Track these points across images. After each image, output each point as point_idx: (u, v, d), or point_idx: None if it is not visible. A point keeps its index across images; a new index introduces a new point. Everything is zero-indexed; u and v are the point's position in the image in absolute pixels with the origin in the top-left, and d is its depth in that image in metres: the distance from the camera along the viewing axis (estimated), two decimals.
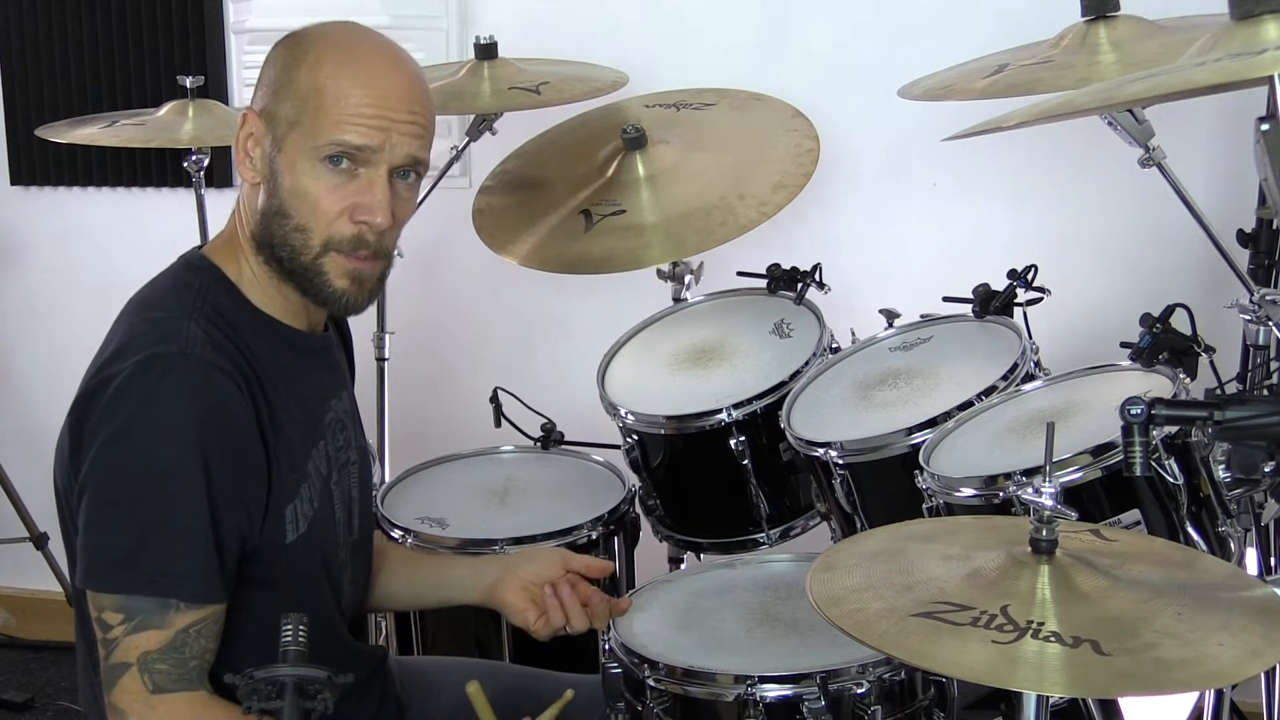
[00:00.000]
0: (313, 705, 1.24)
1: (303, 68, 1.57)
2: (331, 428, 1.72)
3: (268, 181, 1.58)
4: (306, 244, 1.57)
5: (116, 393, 1.48)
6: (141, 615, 1.48)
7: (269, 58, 1.61)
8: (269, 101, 1.58)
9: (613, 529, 2.24)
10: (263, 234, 1.60)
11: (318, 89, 1.55)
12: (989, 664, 1.29)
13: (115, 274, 1.71)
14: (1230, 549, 1.81)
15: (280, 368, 1.61)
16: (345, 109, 1.55)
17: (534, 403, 2.53)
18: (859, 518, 2.06)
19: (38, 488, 3.30)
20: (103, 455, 1.49)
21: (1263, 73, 1.35)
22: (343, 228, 1.57)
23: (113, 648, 1.49)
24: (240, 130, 1.60)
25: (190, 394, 1.48)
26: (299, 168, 1.56)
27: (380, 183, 1.57)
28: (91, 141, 2.68)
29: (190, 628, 1.49)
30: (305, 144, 1.56)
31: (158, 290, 1.62)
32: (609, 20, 2.95)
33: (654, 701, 1.76)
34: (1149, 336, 1.92)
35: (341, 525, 1.72)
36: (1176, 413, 1.37)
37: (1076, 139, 2.44)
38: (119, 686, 1.49)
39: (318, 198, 1.56)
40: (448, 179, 2.74)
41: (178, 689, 1.49)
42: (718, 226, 2.33)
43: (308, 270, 1.59)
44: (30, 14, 3.28)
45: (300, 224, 1.57)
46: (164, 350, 1.50)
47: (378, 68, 1.58)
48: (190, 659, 1.50)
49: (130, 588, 1.48)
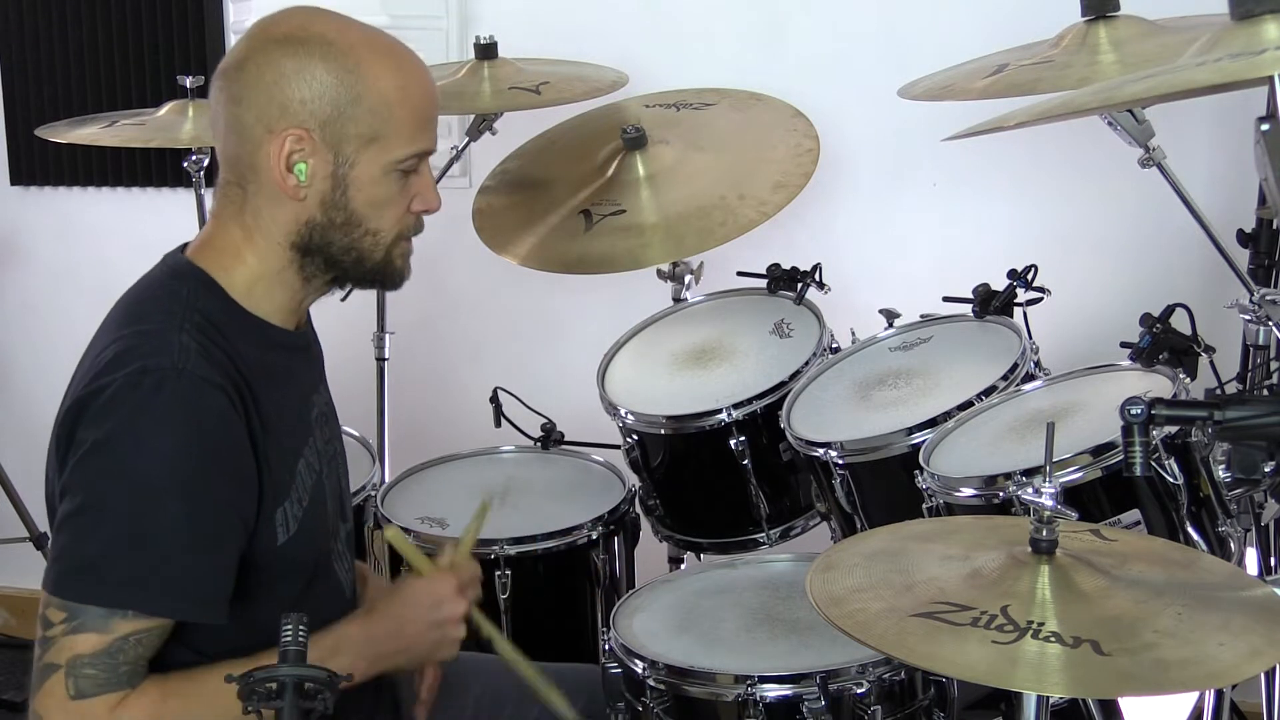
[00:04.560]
0: (313, 705, 1.24)
1: (362, 80, 1.52)
2: (319, 422, 1.71)
3: (329, 195, 1.56)
4: (377, 244, 1.60)
5: (106, 403, 1.47)
6: (84, 618, 1.46)
7: (282, 65, 1.52)
8: (330, 117, 1.52)
9: (613, 529, 2.24)
10: (318, 243, 1.58)
11: (388, 103, 1.54)
12: (989, 664, 1.29)
13: (115, 274, 1.70)
14: (1230, 549, 1.81)
15: (268, 369, 1.60)
16: (418, 120, 1.57)
17: (534, 403, 2.53)
18: (859, 518, 2.06)
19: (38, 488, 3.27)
20: (85, 463, 1.48)
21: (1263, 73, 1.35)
22: (407, 220, 1.62)
23: (47, 647, 1.47)
24: (277, 148, 1.53)
25: (180, 411, 1.47)
26: (376, 181, 1.56)
27: (429, 173, 1.63)
28: (91, 141, 2.68)
29: (132, 635, 1.47)
30: (383, 158, 1.55)
31: (146, 299, 1.60)
32: (609, 20, 2.95)
33: (654, 701, 1.76)
34: (1149, 336, 1.92)
35: (333, 518, 1.72)
36: (1176, 413, 1.37)
37: (1076, 139, 2.43)
38: (43, 690, 1.47)
39: (392, 203, 1.59)
40: (448, 179, 2.74)
41: (99, 693, 1.47)
42: (718, 226, 2.33)
43: (377, 265, 1.62)
44: (30, 14, 3.28)
45: (372, 229, 1.59)
46: (155, 364, 1.48)
47: (418, 68, 1.60)
48: (122, 664, 1.47)
49: (86, 597, 1.46)
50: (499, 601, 2.14)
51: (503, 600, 2.14)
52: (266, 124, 1.53)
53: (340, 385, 1.83)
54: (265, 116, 1.53)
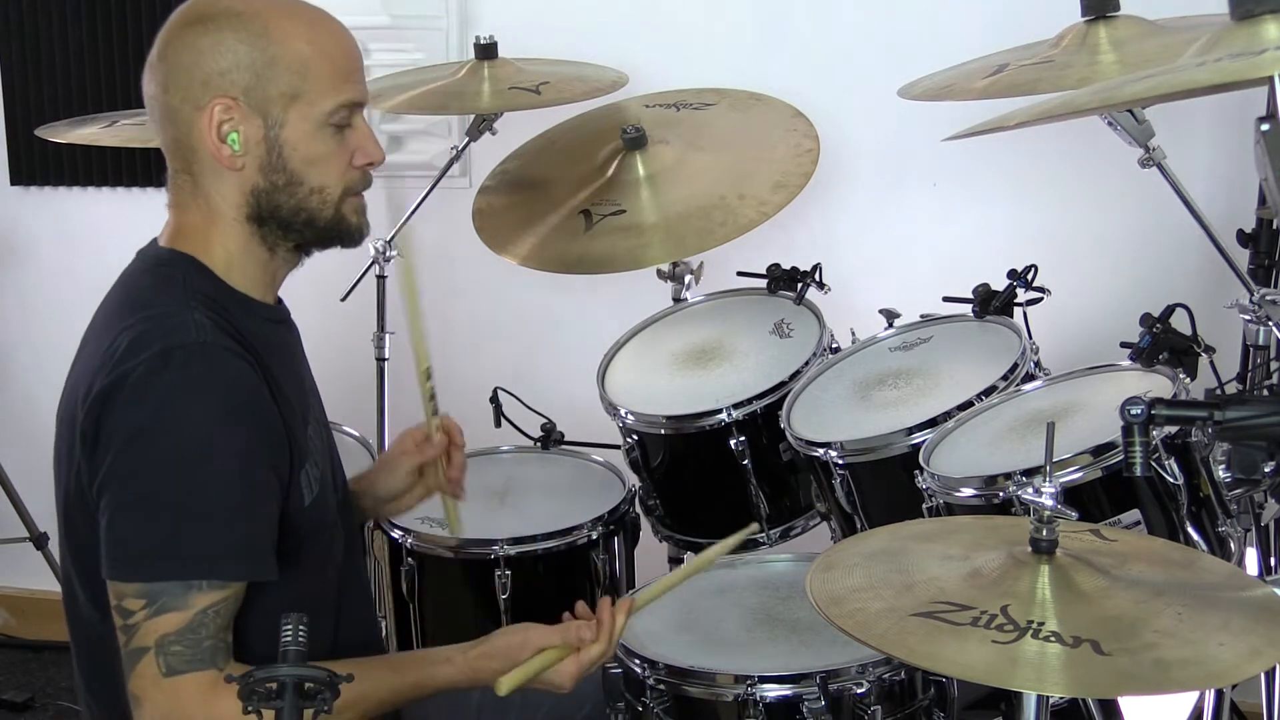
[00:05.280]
0: (312, 705, 1.24)
1: (274, 42, 1.57)
2: (312, 393, 1.76)
3: (265, 159, 1.60)
4: (325, 201, 1.63)
5: (137, 387, 1.50)
6: (164, 599, 1.49)
7: (197, 43, 1.58)
8: (250, 83, 1.57)
9: (613, 529, 2.24)
10: (267, 210, 1.62)
11: (303, 59, 1.58)
12: (989, 664, 1.29)
13: (115, 274, 1.70)
14: (1230, 549, 1.81)
15: (268, 343, 1.64)
16: (337, 72, 1.60)
17: (534, 403, 2.53)
18: (859, 518, 2.06)
19: (38, 488, 3.30)
20: (129, 450, 1.50)
21: (1263, 73, 1.35)
22: (352, 175, 1.64)
23: (132, 634, 1.50)
24: (206, 121, 1.58)
25: (213, 380, 1.51)
26: (309, 137, 1.60)
27: (366, 125, 1.65)
28: (91, 141, 2.68)
29: (210, 608, 1.51)
30: (311, 113, 1.59)
31: (142, 287, 1.63)
32: (609, 20, 2.95)
33: (654, 701, 1.76)
34: (1149, 336, 1.92)
35: (329, 487, 1.74)
36: (1176, 413, 1.37)
37: (1076, 139, 2.43)
38: (136, 672, 1.50)
39: (330, 158, 1.62)
40: (448, 179, 2.74)
41: (189, 670, 1.50)
42: (718, 226, 2.33)
43: (329, 223, 1.64)
44: (30, 14, 3.28)
45: (316, 186, 1.62)
46: (178, 342, 1.51)
47: (329, 23, 1.63)
48: (205, 639, 1.51)
49: (162, 574, 1.49)
50: (499, 601, 2.14)
51: (503, 600, 2.14)
52: (194, 102, 1.58)
53: (340, 385, 1.84)
54: (191, 95, 1.59)
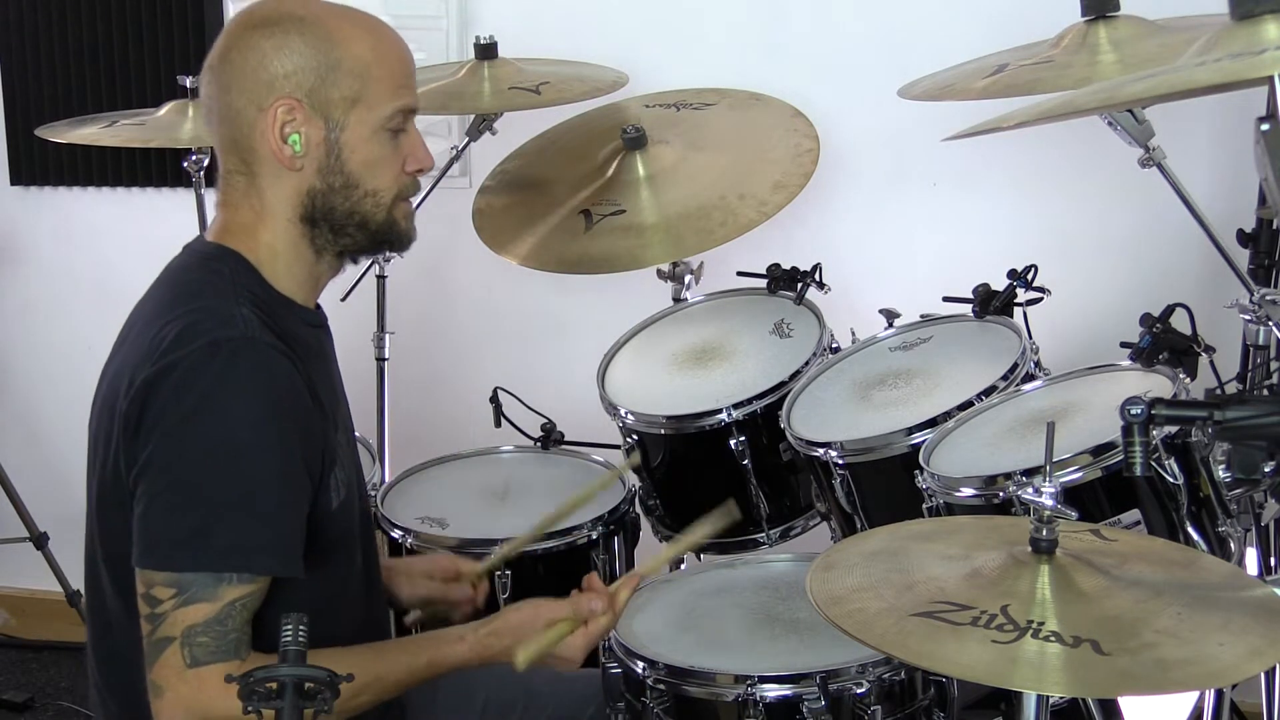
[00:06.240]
0: (312, 705, 1.24)
1: (337, 46, 1.60)
2: (343, 400, 1.78)
3: (324, 161, 1.63)
4: (378, 205, 1.66)
5: (183, 377, 1.52)
6: (194, 589, 1.50)
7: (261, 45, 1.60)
8: (314, 85, 1.60)
9: (613, 529, 2.24)
10: (321, 211, 1.64)
11: (364, 64, 1.61)
12: (989, 664, 1.29)
13: (115, 274, 1.71)
14: (1230, 549, 1.81)
15: (306, 346, 1.65)
16: (395, 77, 1.63)
17: (534, 403, 2.53)
18: (859, 518, 2.06)
19: (38, 488, 3.30)
20: (171, 438, 1.52)
21: (1263, 73, 1.35)
22: (404, 180, 1.68)
23: (158, 623, 1.51)
24: (269, 122, 1.60)
25: (258, 376, 1.53)
26: (367, 141, 1.63)
27: (418, 132, 1.69)
28: (91, 141, 2.68)
29: (238, 601, 1.52)
30: (370, 118, 1.62)
31: (190, 280, 1.65)
32: (609, 20, 2.95)
33: (654, 701, 1.76)
34: (1149, 336, 1.92)
35: (354, 493, 1.74)
36: (1176, 413, 1.37)
37: (1076, 139, 2.43)
38: (160, 662, 1.51)
39: (385, 162, 1.65)
40: (448, 179, 2.74)
41: (213, 661, 1.51)
42: (718, 226, 2.33)
43: (382, 227, 1.67)
44: (30, 14, 3.28)
45: (371, 190, 1.65)
46: (226, 335, 1.53)
47: (387, 29, 1.67)
48: (230, 631, 1.52)
49: (195, 565, 1.50)
50: (499, 602, 2.14)
51: (503, 600, 2.14)
52: (257, 103, 1.61)
53: None
54: (255, 96, 1.61)
